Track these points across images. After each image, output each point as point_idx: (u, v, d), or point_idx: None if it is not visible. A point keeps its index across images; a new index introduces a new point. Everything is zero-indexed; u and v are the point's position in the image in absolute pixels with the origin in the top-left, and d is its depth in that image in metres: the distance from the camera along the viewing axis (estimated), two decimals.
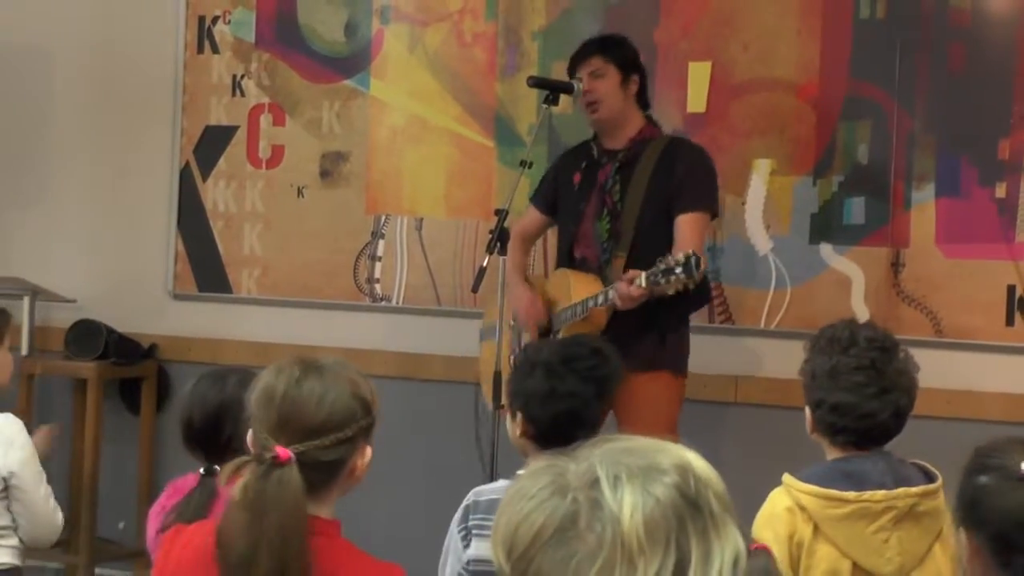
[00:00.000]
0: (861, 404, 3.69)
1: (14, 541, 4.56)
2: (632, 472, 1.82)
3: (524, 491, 1.86)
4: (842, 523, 3.65)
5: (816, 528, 3.65)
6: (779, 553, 3.67)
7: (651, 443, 1.89)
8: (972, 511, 2.89)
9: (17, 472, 4.48)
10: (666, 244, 5.77)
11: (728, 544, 1.82)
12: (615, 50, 6.02)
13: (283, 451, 3.03)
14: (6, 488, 4.48)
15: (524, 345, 5.80)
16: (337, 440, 3.09)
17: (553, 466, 1.87)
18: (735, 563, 1.82)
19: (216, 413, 3.92)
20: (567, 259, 6.05)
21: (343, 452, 3.12)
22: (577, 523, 1.80)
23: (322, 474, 3.10)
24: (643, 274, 5.46)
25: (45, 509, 4.59)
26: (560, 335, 5.81)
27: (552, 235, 6.38)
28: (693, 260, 5.39)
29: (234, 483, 3.05)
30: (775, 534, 3.71)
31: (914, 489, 3.67)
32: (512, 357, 5.88)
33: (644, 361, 5.67)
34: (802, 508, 3.65)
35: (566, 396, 4.02)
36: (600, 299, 5.69)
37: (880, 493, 3.64)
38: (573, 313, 5.80)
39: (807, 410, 3.80)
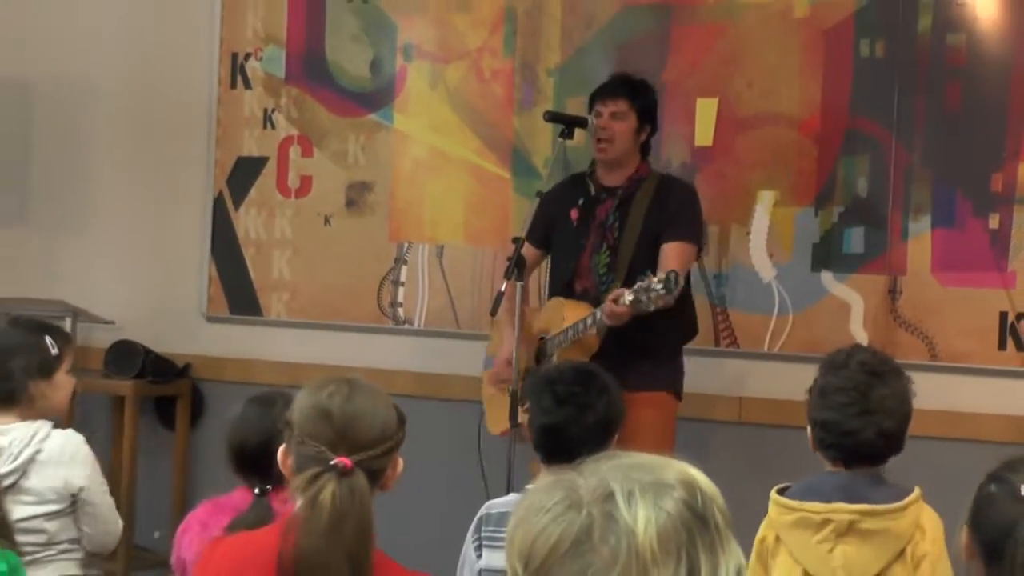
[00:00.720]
0: (843, 422, 3.72)
1: (79, 554, 4.56)
2: (644, 487, 1.83)
3: (538, 505, 1.86)
4: (792, 530, 3.70)
5: (777, 538, 3.67)
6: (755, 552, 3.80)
7: (656, 459, 1.90)
8: (975, 514, 2.93)
9: (86, 487, 4.48)
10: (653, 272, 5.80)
11: (732, 557, 1.84)
12: (641, 99, 6.04)
13: (347, 460, 3.04)
14: (74, 503, 4.45)
15: (541, 368, 5.75)
16: (385, 451, 3.14)
17: (563, 481, 1.87)
18: (739, 573, 1.84)
19: (269, 438, 3.88)
20: (566, 291, 6.03)
21: (386, 462, 3.17)
22: (592, 536, 1.80)
23: (371, 483, 3.11)
24: (626, 291, 5.46)
25: (112, 518, 4.59)
26: (554, 359, 5.79)
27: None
28: (672, 277, 5.42)
29: (307, 494, 3.04)
30: (760, 536, 3.82)
31: (853, 506, 3.66)
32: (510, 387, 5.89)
33: (639, 382, 5.64)
34: (770, 518, 3.69)
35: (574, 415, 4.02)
36: (589, 320, 5.70)
37: (817, 505, 3.69)
38: (565, 337, 5.79)
39: (808, 428, 3.82)
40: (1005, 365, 6.22)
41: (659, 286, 5.39)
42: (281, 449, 3.18)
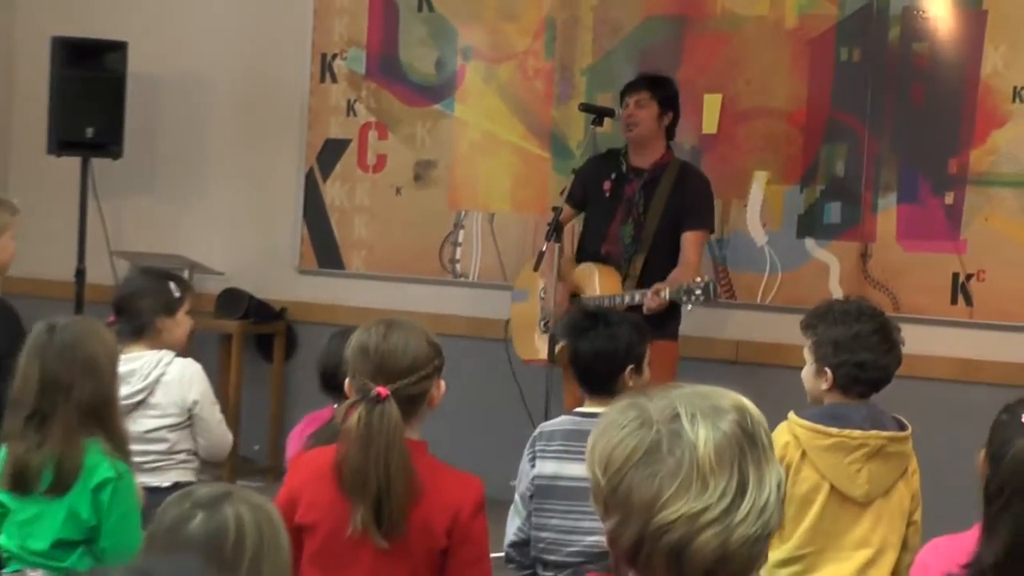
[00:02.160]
0: (879, 360, 3.68)
1: (195, 464, 4.58)
2: (704, 411, 1.83)
3: (616, 422, 1.87)
4: (824, 452, 3.63)
5: (803, 455, 3.64)
6: None
7: (713, 389, 1.90)
8: (990, 436, 2.95)
9: (200, 402, 4.49)
10: (672, 251, 5.90)
11: (774, 471, 1.85)
12: (660, 89, 6.05)
13: (383, 390, 3.07)
14: (191, 417, 4.48)
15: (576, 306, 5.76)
16: (420, 378, 3.16)
17: (635, 403, 1.88)
18: (779, 486, 1.85)
19: (346, 364, 3.93)
20: (595, 251, 6.03)
21: (425, 386, 3.19)
22: (661, 448, 1.82)
23: (411, 405, 3.16)
24: (667, 289, 5.51)
25: (221, 431, 4.59)
26: None
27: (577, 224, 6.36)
28: (712, 287, 5.54)
29: (348, 418, 3.09)
30: (778, 455, 3.72)
31: (885, 433, 3.65)
32: (541, 321, 5.91)
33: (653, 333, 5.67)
34: (796, 438, 3.64)
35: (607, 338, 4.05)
36: (627, 299, 5.71)
37: (857, 432, 3.62)
38: (610, 302, 5.75)
39: (814, 369, 3.74)
40: (955, 317, 6.22)
41: (699, 292, 5.49)
42: (346, 380, 3.23)
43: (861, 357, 3.67)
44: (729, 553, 1.79)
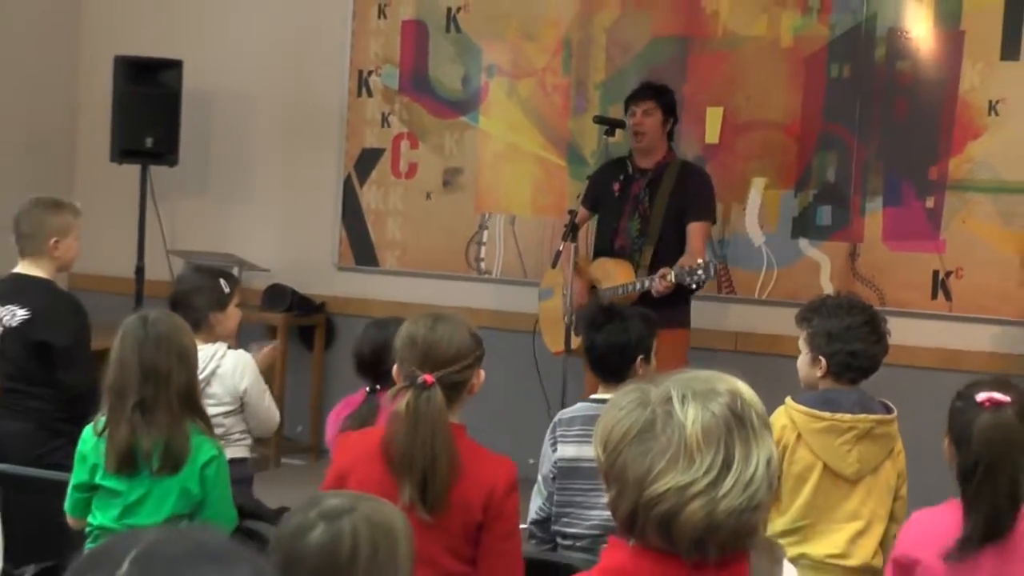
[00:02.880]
0: (869, 349, 3.68)
1: (248, 441, 4.58)
2: (696, 393, 1.84)
3: (617, 403, 1.89)
4: (818, 434, 3.63)
5: (799, 437, 3.65)
6: None
7: (714, 374, 1.91)
8: (950, 423, 2.99)
9: (249, 389, 4.49)
10: (678, 241, 5.86)
11: (763, 449, 1.84)
12: (664, 98, 6.02)
13: (428, 377, 3.07)
14: (243, 403, 4.50)
15: (590, 303, 5.77)
16: (462, 367, 3.14)
17: (639, 387, 1.90)
18: (768, 463, 1.84)
19: (380, 349, 3.90)
20: (608, 247, 6.04)
21: (467, 375, 3.17)
22: (655, 427, 1.83)
23: (453, 392, 3.14)
24: (672, 272, 5.50)
25: (268, 414, 4.58)
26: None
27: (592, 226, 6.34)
28: (712, 266, 5.50)
29: (397, 402, 3.10)
30: (775, 437, 3.72)
31: (873, 416, 3.65)
32: (566, 316, 5.92)
33: (662, 322, 5.64)
34: (792, 421, 3.65)
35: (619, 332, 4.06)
36: (639, 285, 5.70)
37: (847, 416, 3.63)
38: (615, 292, 5.79)
39: (809, 358, 3.73)
40: (936, 311, 6.21)
41: (701, 272, 5.47)
42: (395, 367, 3.23)
43: (853, 347, 3.67)
44: (716, 523, 1.79)
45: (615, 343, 4.02)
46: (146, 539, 1.18)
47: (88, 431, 3.63)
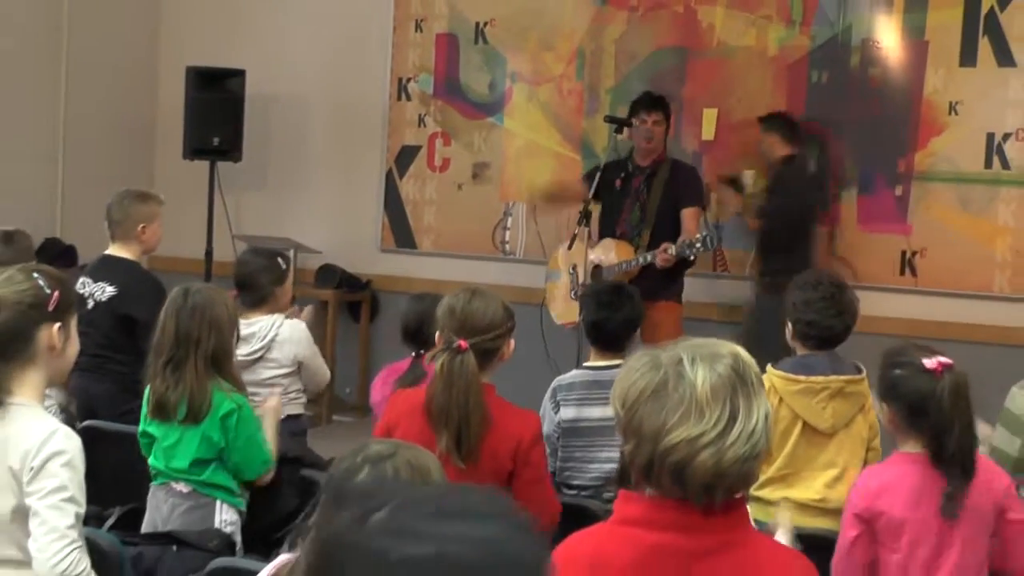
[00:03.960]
0: (823, 321, 3.63)
1: (303, 399, 4.59)
2: (703, 356, 1.84)
3: (632, 367, 1.89)
4: (796, 395, 3.62)
5: (781, 399, 3.66)
6: None
7: (716, 341, 1.90)
8: (891, 391, 2.88)
9: (304, 355, 4.51)
10: (672, 225, 5.87)
11: (762, 405, 1.84)
12: (668, 109, 6.04)
13: (463, 343, 3.09)
14: (298, 366, 4.52)
15: (593, 282, 5.78)
16: (495, 336, 3.16)
17: (649, 353, 1.89)
18: (766, 417, 1.85)
19: (422, 319, 3.92)
20: (611, 233, 6.04)
21: (498, 343, 3.19)
22: (667, 386, 1.83)
23: (485, 358, 3.16)
24: (673, 246, 5.51)
25: (320, 375, 4.59)
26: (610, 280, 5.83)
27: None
28: (710, 239, 5.50)
29: (435, 364, 3.12)
30: None
31: (843, 376, 3.64)
32: (572, 293, 5.92)
33: (659, 295, 5.67)
34: (774, 385, 3.65)
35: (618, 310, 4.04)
36: (640, 260, 5.71)
37: (820, 378, 3.62)
38: (619, 268, 5.81)
39: (789, 325, 3.72)
40: (902, 285, 6.21)
41: (699, 244, 5.47)
42: (437, 334, 3.25)
43: (809, 317, 3.65)
44: (723, 470, 1.79)
45: (629, 319, 4.01)
46: (404, 492, 1.14)
47: (148, 388, 3.66)
